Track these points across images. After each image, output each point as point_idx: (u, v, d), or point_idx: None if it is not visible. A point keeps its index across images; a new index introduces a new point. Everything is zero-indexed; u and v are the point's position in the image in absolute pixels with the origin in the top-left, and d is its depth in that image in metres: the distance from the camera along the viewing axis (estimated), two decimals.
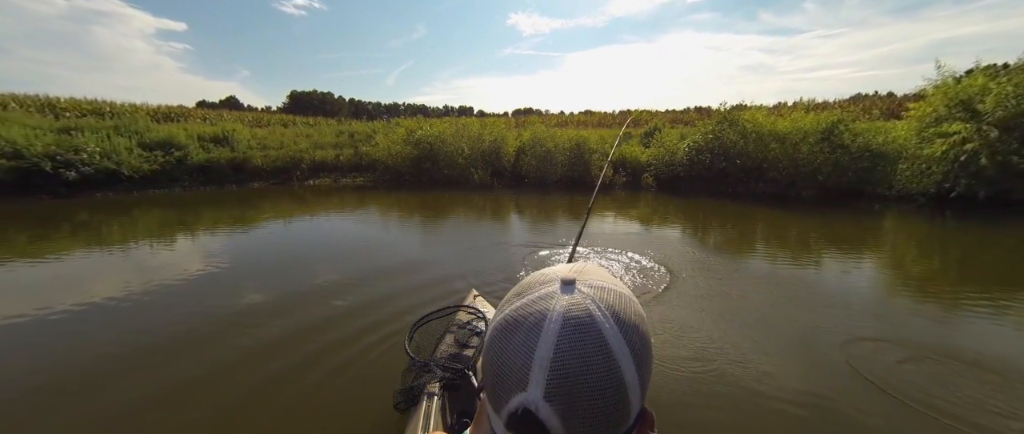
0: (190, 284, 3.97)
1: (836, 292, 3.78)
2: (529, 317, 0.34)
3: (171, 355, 2.73)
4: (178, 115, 17.75)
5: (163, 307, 3.46)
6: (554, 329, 0.32)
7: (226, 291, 3.83)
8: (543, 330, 0.32)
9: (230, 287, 3.91)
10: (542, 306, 0.34)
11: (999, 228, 6.31)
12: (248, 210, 8.11)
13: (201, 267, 4.46)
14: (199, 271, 4.33)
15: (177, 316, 3.27)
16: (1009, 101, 7.10)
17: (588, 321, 0.32)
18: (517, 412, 0.32)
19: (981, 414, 2.12)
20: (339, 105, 56.93)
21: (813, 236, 5.98)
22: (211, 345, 2.85)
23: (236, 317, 3.25)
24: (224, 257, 4.85)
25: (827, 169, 8.32)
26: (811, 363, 2.60)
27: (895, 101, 17.72)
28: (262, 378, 2.44)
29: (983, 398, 2.23)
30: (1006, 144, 7.07)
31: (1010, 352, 2.70)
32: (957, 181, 7.49)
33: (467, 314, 1.98)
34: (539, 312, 0.33)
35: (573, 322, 0.32)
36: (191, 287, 3.91)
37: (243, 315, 3.29)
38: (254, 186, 11.26)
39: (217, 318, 3.23)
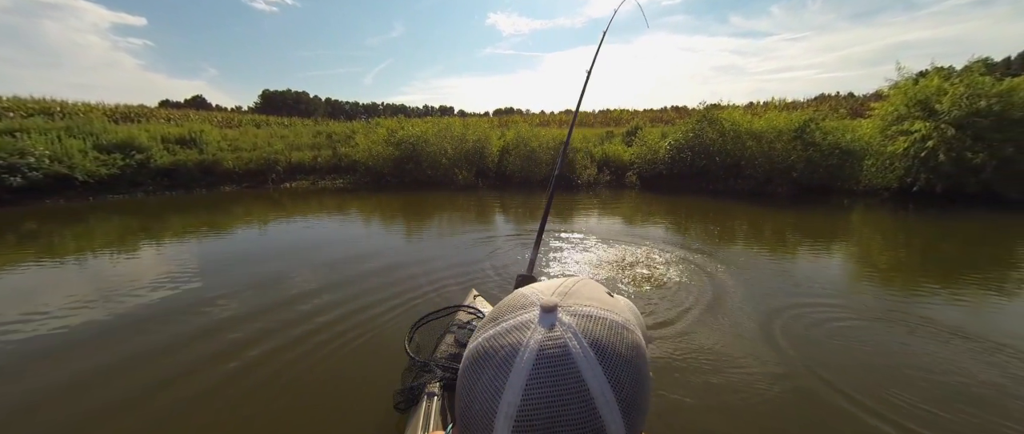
0: (157, 295, 3.68)
1: (804, 279, 4.02)
2: (500, 351, 0.30)
3: (145, 370, 2.50)
4: (139, 115, 16.68)
5: (128, 322, 3.19)
6: (524, 369, 0.28)
7: (198, 299, 3.56)
8: (512, 369, 0.28)
9: (202, 295, 3.65)
10: (515, 338, 0.30)
11: (955, 219, 6.74)
12: (219, 215, 7.68)
13: (169, 277, 4.15)
14: (167, 281, 4.03)
15: (145, 330, 3.02)
16: (962, 101, 7.60)
17: (565, 360, 0.28)
18: None
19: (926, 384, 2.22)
20: (315, 105, 55.17)
21: (788, 230, 6.23)
22: (186, 355, 2.65)
23: (212, 325, 3.04)
24: (194, 265, 4.55)
25: (800, 166, 8.67)
26: (776, 340, 2.84)
27: (858, 101, 18.74)
28: (254, 382, 2.38)
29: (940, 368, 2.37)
30: (961, 141, 7.55)
31: (967, 324, 2.98)
32: (918, 176, 7.96)
33: (467, 314, 1.96)
34: (510, 346, 0.29)
35: (550, 359, 0.28)
36: (159, 298, 3.62)
37: (221, 323, 3.07)
38: (225, 190, 10.70)
39: (192, 328, 3.00)
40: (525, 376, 0.28)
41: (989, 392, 2.24)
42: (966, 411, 2.09)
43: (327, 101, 58.98)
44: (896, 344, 2.79)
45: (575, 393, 0.27)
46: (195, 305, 3.47)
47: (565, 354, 0.28)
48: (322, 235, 6.13)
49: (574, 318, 0.30)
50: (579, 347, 0.29)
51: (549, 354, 0.28)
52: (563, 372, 0.28)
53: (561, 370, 0.28)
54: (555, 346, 0.28)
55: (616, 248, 5.13)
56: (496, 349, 0.30)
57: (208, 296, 3.65)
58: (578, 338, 0.29)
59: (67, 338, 2.96)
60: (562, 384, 0.27)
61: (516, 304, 0.33)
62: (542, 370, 0.28)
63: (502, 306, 0.34)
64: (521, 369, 0.28)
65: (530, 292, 0.33)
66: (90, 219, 7.22)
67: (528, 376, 0.28)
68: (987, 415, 2.06)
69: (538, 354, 0.28)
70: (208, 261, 4.78)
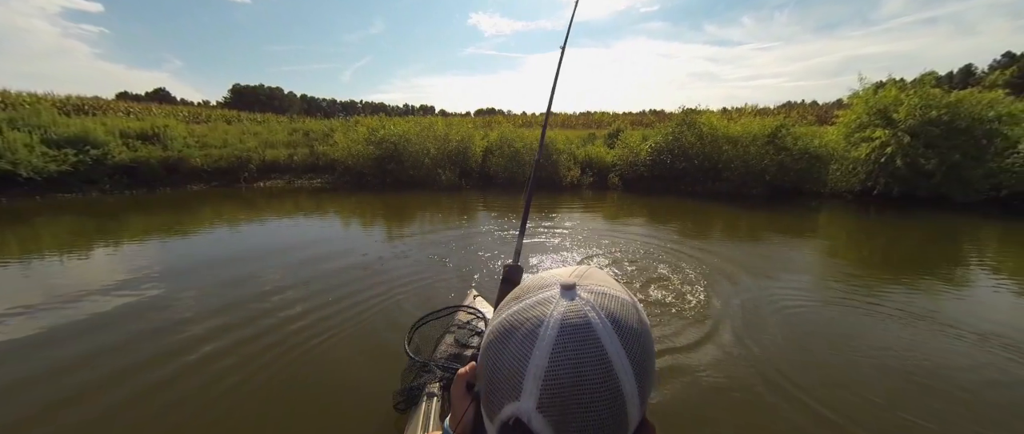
0: (115, 302, 3.41)
1: (774, 271, 4.32)
2: (525, 323, 0.33)
3: (123, 380, 2.30)
4: (93, 107, 15.57)
5: (82, 331, 2.93)
6: (550, 336, 0.31)
7: (170, 302, 3.32)
8: (538, 337, 0.32)
9: (175, 298, 3.41)
10: (539, 312, 0.33)
11: (910, 220, 7.22)
12: (186, 216, 7.24)
13: (129, 282, 3.86)
14: (127, 287, 3.75)
15: (102, 340, 2.79)
16: (917, 111, 8.17)
17: (586, 329, 0.31)
18: (509, 422, 0.32)
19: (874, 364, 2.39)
20: (290, 101, 53.22)
21: (761, 228, 6.55)
22: (164, 362, 2.47)
23: (195, 329, 2.85)
24: (158, 270, 4.24)
25: (773, 169, 9.08)
26: (747, 324, 3.10)
27: (822, 109, 19.87)
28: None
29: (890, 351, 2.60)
30: (915, 148, 8.12)
31: (921, 309, 3.32)
32: (878, 180, 8.49)
33: (467, 314, 1.95)
34: (536, 318, 0.33)
35: (570, 329, 0.31)
36: (117, 306, 3.35)
37: (203, 328, 2.89)
38: (192, 189, 10.11)
39: (169, 333, 2.80)
40: (551, 343, 0.31)
41: (936, 359, 2.67)
42: (917, 377, 2.47)
43: (303, 98, 57.02)
44: (855, 327, 3.09)
45: (596, 356, 0.31)
46: (162, 309, 3.25)
47: (586, 323, 0.32)
48: (301, 235, 5.88)
49: (591, 295, 0.33)
50: (598, 318, 0.32)
51: (572, 322, 0.32)
52: (585, 337, 0.31)
53: (583, 336, 0.31)
54: (577, 316, 0.32)
55: (600, 245, 5.20)
56: (522, 321, 0.33)
57: (181, 298, 3.44)
58: (596, 310, 0.32)
59: (5, 348, 2.69)
60: (584, 348, 0.31)
61: (536, 285, 0.36)
62: (566, 337, 0.31)
63: (522, 288, 0.37)
64: (547, 337, 0.31)
65: (548, 275, 0.37)
66: (36, 220, 6.64)
67: (554, 343, 0.31)
68: (935, 380, 2.44)
69: (562, 322, 0.32)
70: (175, 263, 4.49)
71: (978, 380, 2.42)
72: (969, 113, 8.16)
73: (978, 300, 3.66)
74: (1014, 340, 2.84)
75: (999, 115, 8.23)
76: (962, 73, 35.38)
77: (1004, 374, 2.48)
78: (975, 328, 3.02)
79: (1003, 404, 2.23)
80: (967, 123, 8.13)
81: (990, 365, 2.58)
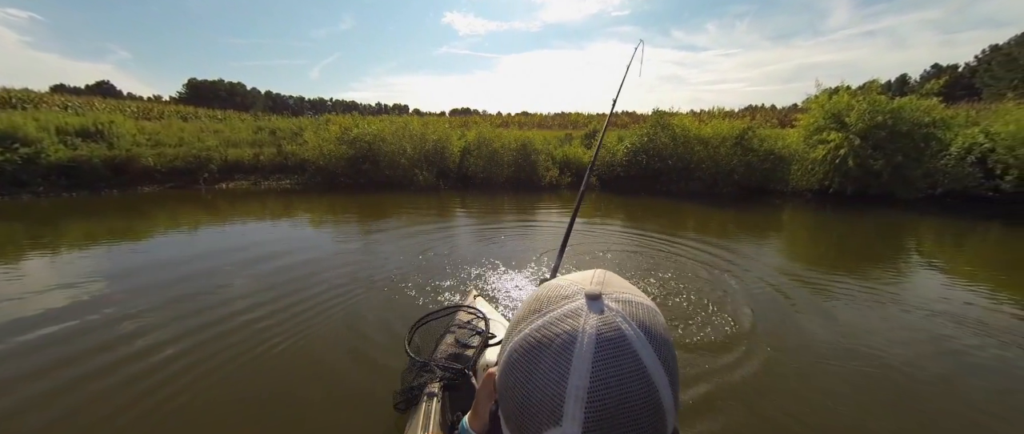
0: (55, 318, 3.05)
1: (741, 262, 4.67)
2: (557, 339, 0.30)
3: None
4: (23, 100, 14.05)
5: (9, 354, 2.59)
6: (587, 353, 0.29)
7: (115, 319, 3.00)
8: (574, 354, 0.29)
9: (121, 313, 3.08)
10: (570, 325, 0.31)
11: (862, 217, 7.80)
12: (136, 221, 6.64)
13: (68, 297, 3.46)
14: (68, 301, 3.36)
15: (36, 361, 2.48)
16: (866, 116, 8.84)
17: (623, 342, 0.30)
18: None
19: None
20: (253, 98, 50.43)
21: (730, 225, 6.86)
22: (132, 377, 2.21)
23: (152, 342, 2.58)
24: (105, 281, 3.84)
25: (741, 170, 9.54)
26: (723, 307, 3.42)
27: (781, 113, 21.18)
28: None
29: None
30: (864, 150, 8.79)
31: (871, 292, 3.57)
32: (833, 180, 9.12)
33: (467, 314, 1.95)
34: (567, 333, 0.30)
35: (608, 344, 0.29)
36: (57, 321, 3.00)
37: (165, 338, 2.63)
38: (144, 191, 9.32)
39: (118, 347, 2.52)
40: (590, 360, 0.29)
41: (886, 325, 3.22)
42: (869, 340, 2.95)
43: (267, 94, 54.15)
44: (814, 308, 3.50)
45: (635, 371, 0.29)
46: (114, 323, 2.94)
47: (621, 336, 0.30)
48: (273, 239, 5.52)
49: (619, 304, 0.32)
50: (631, 329, 0.30)
51: (608, 337, 0.30)
52: (623, 352, 0.29)
53: (622, 350, 0.29)
54: (611, 329, 0.30)
55: (583, 242, 5.24)
56: (552, 337, 0.31)
57: (136, 308, 3.12)
58: (628, 321, 0.31)
59: None
60: (624, 363, 0.29)
61: (557, 295, 0.33)
62: (604, 351, 0.29)
63: (541, 299, 0.34)
64: (584, 353, 0.29)
65: (566, 284, 0.34)
66: None
67: (593, 358, 0.29)
68: (882, 342, 2.93)
69: (598, 337, 0.29)
70: (125, 272, 4.08)
71: (919, 343, 2.93)
72: (909, 118, 8.93)
73: (919, 284, 4.19)
74: (947, 312, 3.43)
75: (933, 120, 9.06)
76: (898, 82, 38.93)
77: (941, 338, 3.02)
78: (917, 305, 3.55)
79: (942, 357, 2.77)
80: (908, 127, 8.90)
81: (928, 330, 3.14)
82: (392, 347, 2.66)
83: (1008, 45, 36.27)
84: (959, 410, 2.25)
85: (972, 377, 2.54)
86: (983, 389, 2.42)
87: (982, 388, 2.43)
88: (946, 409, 2.26)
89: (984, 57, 40.02)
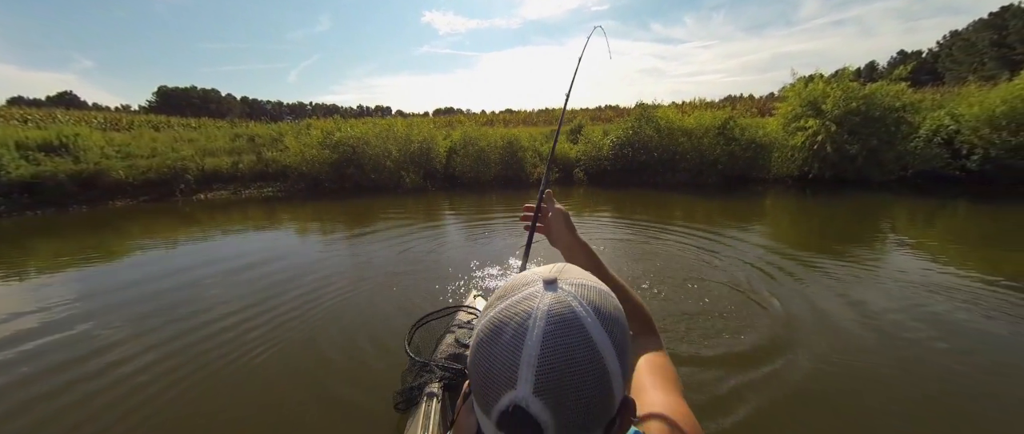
0: (27, 340, 2.88)
1: (729, 249, 4.76)
2: (514, 317, 0.35)
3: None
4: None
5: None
6: (540, 326, 0.34)
7: (91, 342, 2.85)
8: (528, 329, 0.34)
9: (98, 335, 2.93)
10: (526, 306, 0.35)
11: (841, 200, 8.07)
12: (109, 237, 6.35)
13: (38, 319, 3.28)
14: (36, 324, 3.18)
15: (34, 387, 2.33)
16: (841, 102, 9.13)
17: (571, 317, 0.34)
18: (508, 410, 0.33)
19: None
20: (229, 104, 48.95)
21: (716, 214, 6.99)
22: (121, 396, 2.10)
23: (133, 357, 2.45)
24: (76, 302, 3.64)
25: (724, 159, 9.73)
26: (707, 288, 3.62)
27: (758, 102, 21.72)
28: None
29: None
30: (841, 135, 9.08)
31: (853, 270, 3.82)
32: (812, 166, 9.40)
33: (467, 314, 1.97)
34: (524, 312, 0.35)
35: (557, 319, 0.34)
36: (32, 341, 2.83)
37: (142, 351, 2.50)
38: (115, 205, 8.91)
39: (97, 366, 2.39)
40: (541, 332, 0.33)
41: (869, 298, 3.44)
42: (855, 313, 3.18)
43: (243, 100, 52.59)
44: (800, 281, 3.78)
45: (583, 341, 0.34)
46: (90, 346, 2.79)
47: (570, 311, 0.35)
48: (258, 249, 5.34)
49: (572, 287, 0.37)
50: (580, 306, 0.35)
51: (558, 312, 0.34)
52: (571, 324, 0.34)
53: (570, 323, 0.34)
54: (562, 306, 0.35)
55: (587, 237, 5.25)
56: (511, 316, 0.35)
57: (116, 326, 2.97)
58: (578, 300, 0.35)
59: None
60: (572, 334, 0.34)
61: (519, 283, 0.38)
62: (554, 326, 0.34)
63: (506, 287, 0.39)
64: (537, 328, 0.34)
65: (529, 273, 0.39)
66: None
67: (543, 332, 0.33)
68: (866, 315, 3.13)
69: (549, 313, 0.34)
70: (101, 291, 3.89)
71: (898, 309, 3.21)
72: (881, 103, 9.26)
73: (895, 259, 4.46)
74: (920, 281, 3.74)
75: (903, 104, 9.43)
76: (867, 68, 40.43)
77: (916, 303, 3.32)
78: (893, 277, 3.86)
79: (919, 318, 3.06)
80: (880, 112, 9.23)
81: (905, 298, 3.41)
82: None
83: (966, 31, 38.08)
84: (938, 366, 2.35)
85: (940, 339, 2.72)
86: (955, 350, 2.54)
87: (951, 348, 2.56)
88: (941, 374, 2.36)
89: (945, 42, 41.93)
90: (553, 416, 0.33)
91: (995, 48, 32.68)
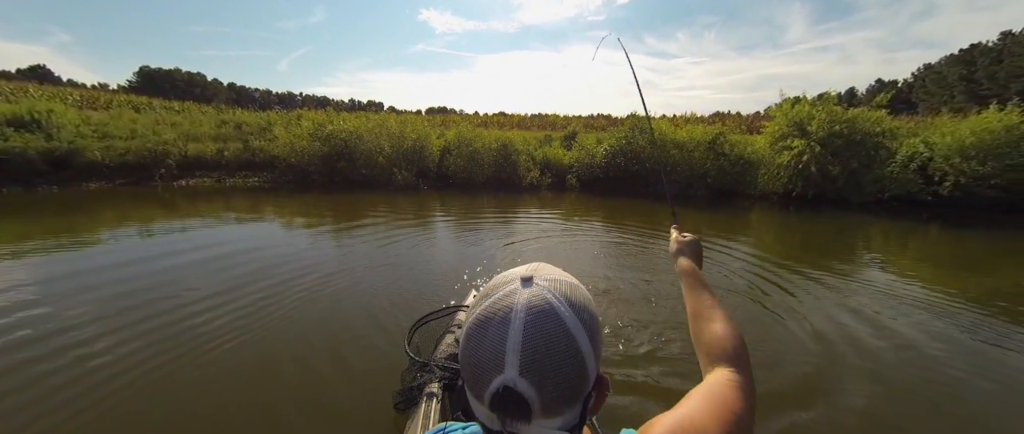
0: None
1: (719, 260, 4.81)
2: (498, 313, 0.40)
3: None
4: None
5: None
6: (521, 317, 0.38)
7: (57, 329, 2.68)
8: (511, 321, 0.38)
9: (65, 323, 2.76)
10: (508, 302, 0.40)
11: (821, 218, 8.37)
12: (80, 219, 6.04)
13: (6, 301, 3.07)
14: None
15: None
16: (825, 125, 9.49)
17: (547, 307, 0.39)
18: (499, 390, 0.38)
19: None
20: (215, 89, 47.55)
21: (703, 226, 7.15)
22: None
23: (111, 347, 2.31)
24: (35, 287, 3.44)
25: (713, 173, 9.95)
26: None
27: (747, 119, 22.39)
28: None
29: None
30: (825, 156, 9.42)
31: (830, 285, 3.91)
32: (796, 184, 9.71)
33: (466, 314, 1.81)
34: (506, 307, 0.39)
35: (535, 310, 0.39)
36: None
37: (123, 338, 2.37)
38: (90, 187, 8.50)
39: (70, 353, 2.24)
40: (522, 323, 0.38)
41: (843, 310, 3.54)
42: (834, 320, 3.36)
43: (231, 86, 51.20)
44: (780, 295, 3.89)
45: (558, 327, 0.38)
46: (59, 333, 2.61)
47: (547, 303, 0.39)
48: (239, 238, 5.16)
49: (546, 282, 0.41)
50: (554, 298, 0.40)
51: (536, 304, 0.39)
52: (548, 314, 0.39)
53: (546, 313, 0.39)
54: (539, 299, 0.39)
55: (562, 237, 5.27)
56: (494, 312, 0.40)
57: (86, 316, 2.79)
58: (553, 293, 0.40)
59: None
60: (548, 322, 0.38)
61: (499, 283, 0.43)
62: (533, 317, 0.38)
63: (488, 287, 0.44)
64: (518, 319, 0.38)
65: (507, 274, 0.44)
66: None
67: (524, 322, 0.38)
68: (847, 322, 3.30)
69: (528, 306, 0.39)
70: (70, 276, 3.68)
71: (872, 321, 3.41)
72: (862, 128, 9.67)
73: (869, 275, 4.71)
74: (894, 295, 3.99)
75: (883, 130, 9.86)
76: (848, 94, 42.29)
77: (893, 314, 3.55)
78: (870, 289, 4.12)
79: (893, 330, 3.25)
80: (861, 136, 9.63)
81: (881, 313, 3.58)
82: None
83: (939, 64, 40.24)
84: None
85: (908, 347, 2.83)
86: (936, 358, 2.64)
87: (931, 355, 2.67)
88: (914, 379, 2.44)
89: (919, 74, 44.21)
90: (537, 392, 0.37)
91: (964, 83, 34.63)
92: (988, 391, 2.49)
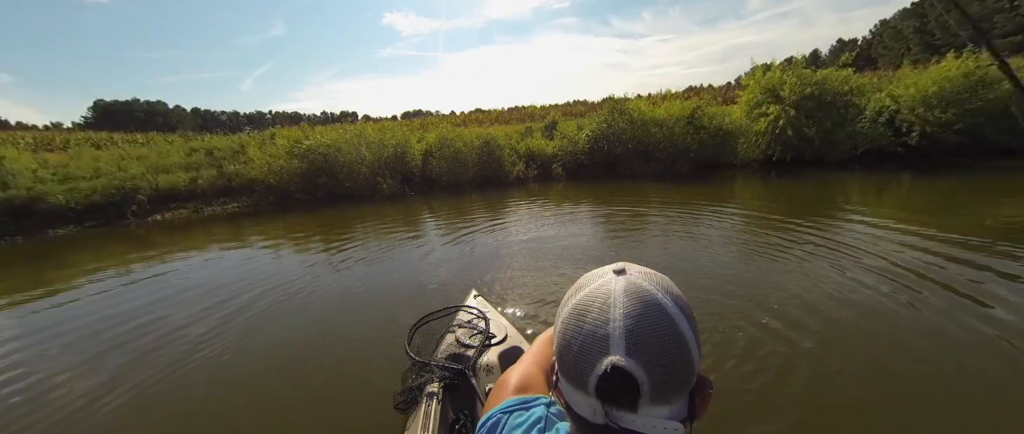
0: None
1: (704, 229, 4.93)
2: (596, 300, 0.40)
3: None
4: None
5: None
6: (622, 301, 0.39)
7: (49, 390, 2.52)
8: (611, 305, 0.39)
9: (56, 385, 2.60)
10: (605, 289, 0.41)
11: (802, 179, 8.61)
12: (51, 270, 5.72)
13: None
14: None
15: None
16: (797, 88, 9.73)
17: (645, 292, 0.40)
18: (607, 371, 0.37)
19: None
20: (179, 117, 45.72)
21: (693, 198, 7.27)
22: None
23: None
24: (17, 348, 3.24)
25: (695, 147, 10.11)
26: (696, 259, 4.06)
27: (721, 91, 22.80)
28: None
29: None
30: (799, 119, 9.67)
31: (816, 241, 4.03)
32: (774, 149, 9.96)
33: (468, 314, 1.92)
34: (604, 294, 0.40)
35: (635, 295, 0.39)
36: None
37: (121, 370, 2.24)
38: (57, 234, 8.06)
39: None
40: (623, 306, 0.39)
41: (825, 264, 3.72)
42: (817, 278, 3.48)
43: (195, 112, 49.29)
44: (767, 257, 4.03)
45: (659, 310, 0.39)
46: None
47: (644, 288, 0.40)
48: (226, 268, 4.95)
49: (639, 273, 0.42)
50: (649, 284, 0.41)
51: (634, 290, 0.40)
52: (647, 297, 0.39)
53: (646, 296, 0.39)
54: (635, 286, 0.40)
55: (554, 230, 5.28)
56: (593, 299, 0.41)
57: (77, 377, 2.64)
58: (647, 279, 0.41)
59: None
60: (650, 305, 0.39)
61: (592, 277, 0.44)
62: (633, 300, 0.39)
63: (580, 282, 0.45)
64: (619, 303, 0.39)
65: (597, 270, 0.45)
66: None
67: (625, 305, 0.39)
68: (825, 283, 3.39)
69: (626, 291, 0.40)
70: (46, 333, 3.47)
71: (861, 269, 3.57)
72: (831, 88, 9.95)
73: (853, 228, 4.85)
74: (873, 248, 4.08)
75: (851, 88, 10.17)
76: (812, 57, 43.52)
77: (880, 261, 3.73)
78: (854, 245, 4.20)
79: (877, 279, 3.36)
80: (831, 96, 9.91)
81: (867, 259, 3.80)
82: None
83: (893, 19, 41.69)
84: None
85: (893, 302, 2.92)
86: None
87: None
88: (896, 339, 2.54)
89: (876, 31, 45.76)
90: (646, 373, 0.37)
91: (919, 35, 36.01)
92: None
